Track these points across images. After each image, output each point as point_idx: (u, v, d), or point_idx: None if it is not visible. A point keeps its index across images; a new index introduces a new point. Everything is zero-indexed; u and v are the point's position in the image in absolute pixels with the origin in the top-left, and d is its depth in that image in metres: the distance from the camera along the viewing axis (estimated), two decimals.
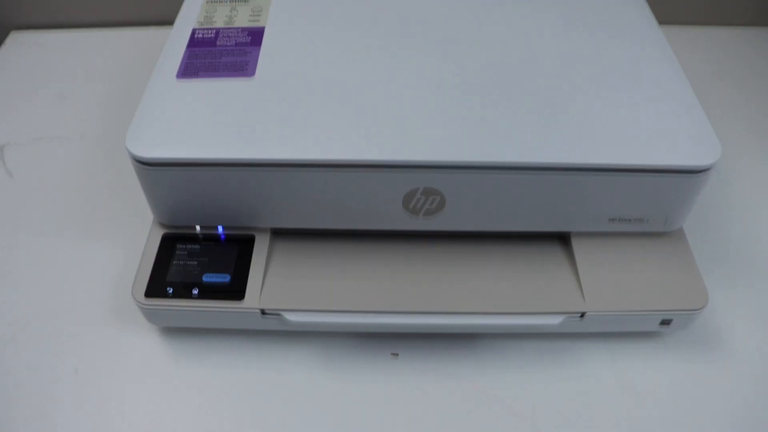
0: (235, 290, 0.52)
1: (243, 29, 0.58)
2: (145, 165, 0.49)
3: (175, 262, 0.54)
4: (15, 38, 0.89)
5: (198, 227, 0.55)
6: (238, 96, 0.52)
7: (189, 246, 0.55)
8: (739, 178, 0.71)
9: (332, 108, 0.51)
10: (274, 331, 0.55)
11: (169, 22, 0.60)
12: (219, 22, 0.59)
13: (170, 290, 0.52)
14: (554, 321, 0.52)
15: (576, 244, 0.55)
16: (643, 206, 0.52)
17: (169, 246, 0.55)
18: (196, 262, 0.54)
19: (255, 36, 0.57)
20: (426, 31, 0.58)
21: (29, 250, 0.63)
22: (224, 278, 0.53)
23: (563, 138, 0.49)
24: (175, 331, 0.57)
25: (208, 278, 0.53)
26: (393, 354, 0.56)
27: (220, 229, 0.55)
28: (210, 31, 0.58)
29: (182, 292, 0.52)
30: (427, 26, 0.58)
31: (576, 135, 0.49)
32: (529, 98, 0.52)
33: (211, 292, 0.52)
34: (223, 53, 0.55)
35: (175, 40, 0.58)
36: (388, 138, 0.49)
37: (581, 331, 0.55)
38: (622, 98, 0.52)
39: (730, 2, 0.90)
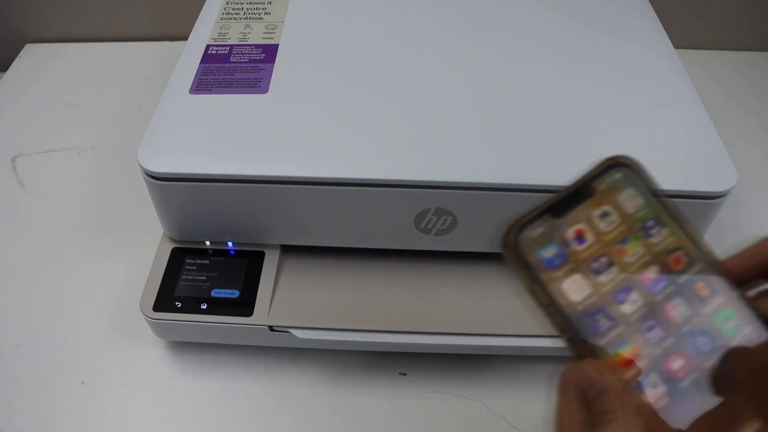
0: (244, 306, 0.52)
1: (257, 46, 0.58)
2: (155, 179, 0.49)
3: (184, 276, 0.54)
4: (29, 49, 0.89)
5: (208, 242, 0.55)
6: (251, 112, 0.52)
7: (198, 260, 0.55)
8: (753, 203, 0.70)
9: (345, 126, 0.51)
10: (281, 347, 0.55)
11: (183, 37, 0.61)
12: (233, 39, 0.59)
13: (178, 305, 0.52)
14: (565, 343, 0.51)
15: None
16: None
17: (178, 260, 0.55)
18: (205, 277, 0.54)
19: (269, 53, 0.57)
20: (442, 48, 0.58)
21: (39, 259, 0.63)
22: (233, 294, 0.53)
23: (577, 160, 0.49)
24: (182, 344, 0.57)
25: (216, 293, 0.53)
26: (401, 373, 0.56)
27: (229, 244, 0.55)
28: (224, 48, 0.58)
29: (191, 306, 0.52)
30: (444, 44, 0.58)
31: (591, 157, 0.49)
32: (544, 121, 0.52)
33: (219, 308, 0.52)
34: (236, 69, 0.55)
35: (188, 56, 0.58)
36: (401, 157, 0.49)
37: None
38: (636, 122, 0.52)
39: (746, 27, 0.90)
